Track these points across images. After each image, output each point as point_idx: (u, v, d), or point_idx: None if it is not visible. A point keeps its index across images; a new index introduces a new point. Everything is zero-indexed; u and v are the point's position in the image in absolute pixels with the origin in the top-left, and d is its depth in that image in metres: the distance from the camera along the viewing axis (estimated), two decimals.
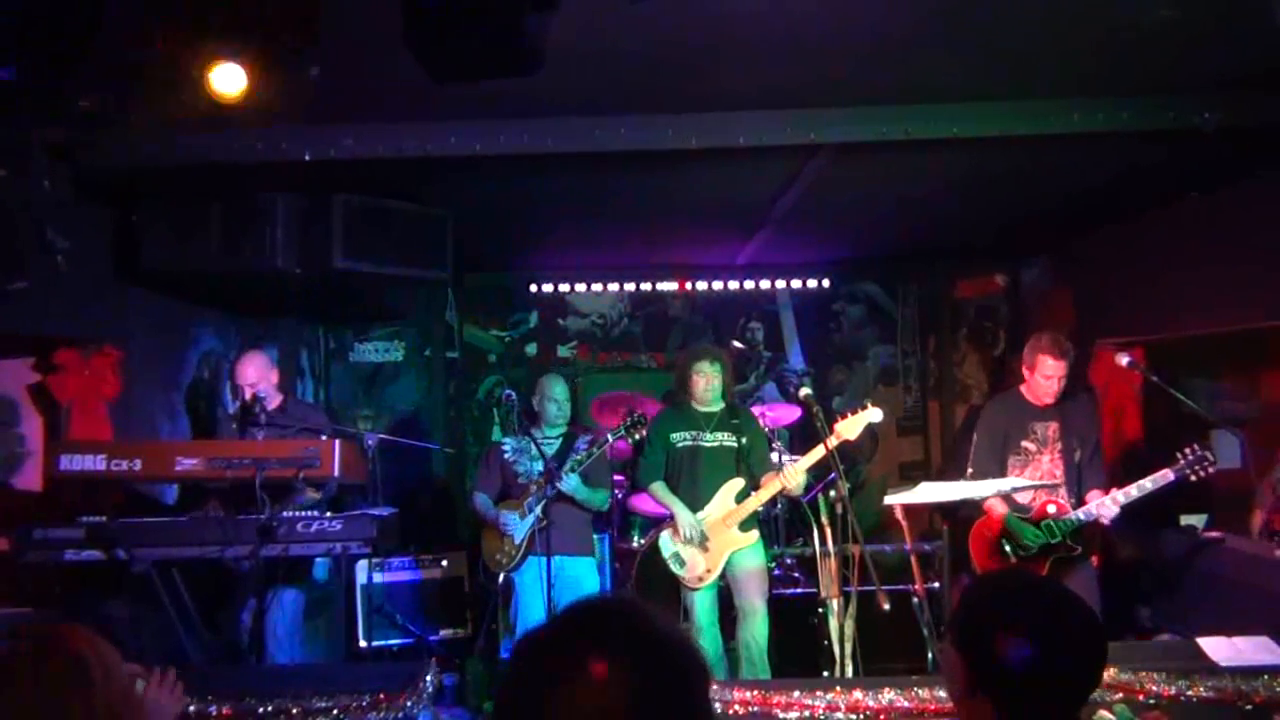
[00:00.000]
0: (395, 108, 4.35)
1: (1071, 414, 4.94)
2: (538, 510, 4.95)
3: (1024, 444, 4.93)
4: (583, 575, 5.15)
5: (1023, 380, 4.98)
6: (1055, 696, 1.78)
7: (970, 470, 5.00)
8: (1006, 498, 4.85)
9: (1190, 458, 4.46)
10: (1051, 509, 4.76)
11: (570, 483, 4.99)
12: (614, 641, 1.19)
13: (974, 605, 1.92)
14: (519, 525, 5.06)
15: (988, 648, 1.80)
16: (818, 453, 4.87)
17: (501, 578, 5.20)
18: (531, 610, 5.02)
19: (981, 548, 4.91)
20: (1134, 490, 4.56)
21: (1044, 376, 4.81)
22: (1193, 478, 4.47)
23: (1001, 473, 4.90)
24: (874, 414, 4.95)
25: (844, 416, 4.96)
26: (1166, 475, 4.50)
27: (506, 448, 5.29)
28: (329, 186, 5.13)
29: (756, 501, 5.02)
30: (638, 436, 5.04)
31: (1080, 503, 4.77)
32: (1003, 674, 1.78)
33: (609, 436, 5.07)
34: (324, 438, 5.02)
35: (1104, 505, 4.62)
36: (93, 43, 2.97)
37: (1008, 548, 4.79)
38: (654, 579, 5.28)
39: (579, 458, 5.12)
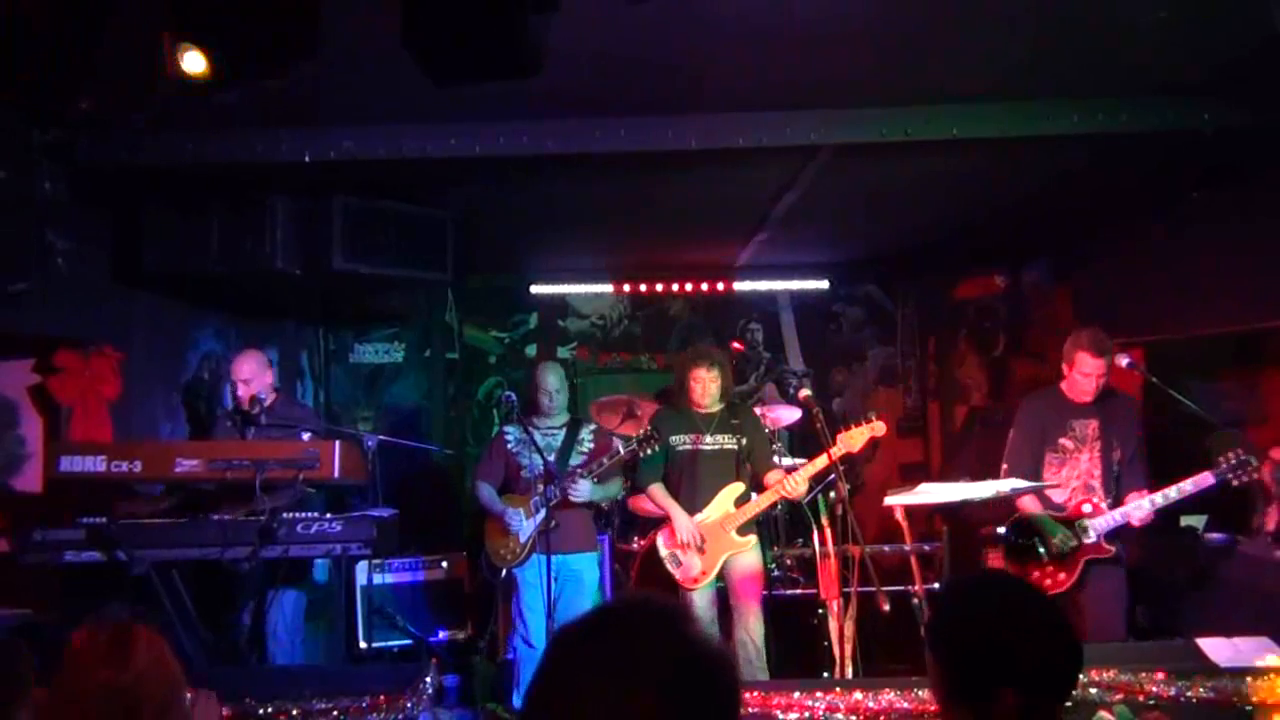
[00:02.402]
0: (395, 109, 4.36)
1: (1112, 413, 4.77)
2: (543, 513, 4.91)
3: (1062, 441, 4.78)
4: (585, 571, 5.15)
5: (1062, 377, 4.81)
6: (1031, 700, 1.76)
7: (1005, 466, 4.86)
8: (1040, 496, 4.74)
9: (1233, 461, 4.31)
10: (1087, 509, 4.64)
11: (583, 491, 4.97)
12: (651, 645, 1.18)
13: (947, 613, 1.93)
14: (524, 525, 5.04)
15: (961, 657, 1.81)
16: (820, 462, 4.86)
17: (504, 572, 5.20)
18: (535, 607, 5.03)
19: (1014, 551, 4.79)
20: (1173, 492, 4.44)
21: (1082, 374, 4.67)
22: (1234, 482, 4.34)
23: (1038, 470, 4.78)
24: (878, 427, 4.91)
25: (848, 427, 4.93)
26: (1206, 478, 4.36)
27: (510, 438, 5.23)
28: (329, 188, 5.13)
29: (756, 507, 5.00)
30: (649, 451, 4.98)
31: (1118, 504, 4.62)
32: (977, 682, 1.78)
33: (620, 448, 4.99)
34: (306, 436, 5.00)
35: (1139, 506, 4.49)
36: (93, 44, 2.97)
37: (1040, 549, 4.68)
38: (653, 579, 5.27)
39: (584, 451, 5.12)
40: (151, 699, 2.02)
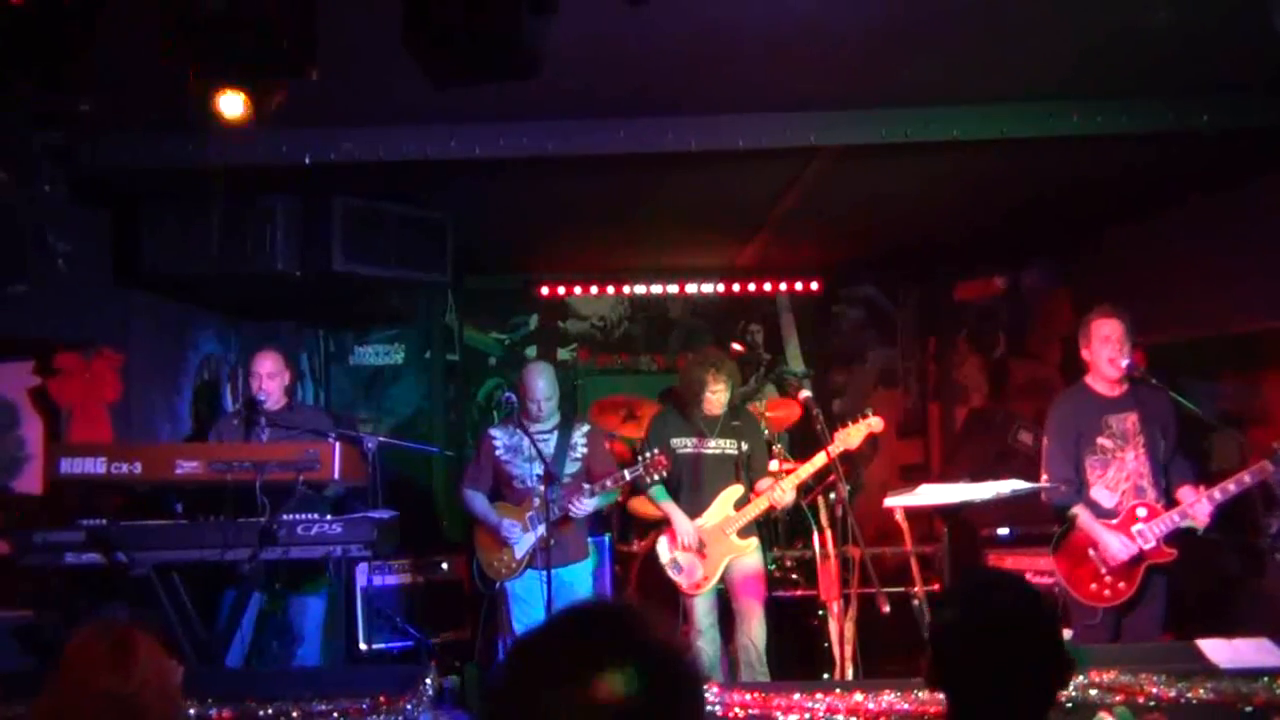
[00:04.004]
0: (395, 111, 4.36)
1: (1149, 403, 4.45)
2: (541, 529, 4.81)
3: (1100, 441, 4.45)
4: (578, 580, 5.09)
5: (1084, 371, 4.55)
6: (1006, 692, 1.83)
7: (1045, 476, 4.54)
8: (1090, 504, 4.46)
9: None
10: (1141, 512, 4.34)
11: (587, 508, 4.93)
12: (605, 649, 1.19)
13: (938, 609, 2.03)
14: (521, 540, 4.95)
15: (938, 641, 1.90)
16: (818, 461, 4.86)
17: (497, 585, 5.13)
18: (526, 620, 4.99)
19: (1068, 560, 4.49)
20: (1232, 486, 4.18)
21: (1102, 340, 4.39)
22: None
23: (1079, 476, 4.50)
24: (875, 423, 4.91)
25: (845, 425, 4.93)
26: (1265, 468, 4.10)
27: (498, 444, 5.09)
28: (329, 189, 5.13)
29: (755, 509, 5.01)
30: (655, 478, 4.93)
31: (1171, 502, 4.35)
32: (953, 666, 1.87)
33: (626, 473, 4.90)
34: (330, 437, 5.02)
35: (1199, 505, 4.22)
36: (92, 46, 2.97)
37: (1093, 555, 4.38)
38: (654, 581, 5.27)
39: (577, 456, 5.07)
40: (153, 708, 2.01)
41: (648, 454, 4.89)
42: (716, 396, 5.05)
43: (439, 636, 6.14)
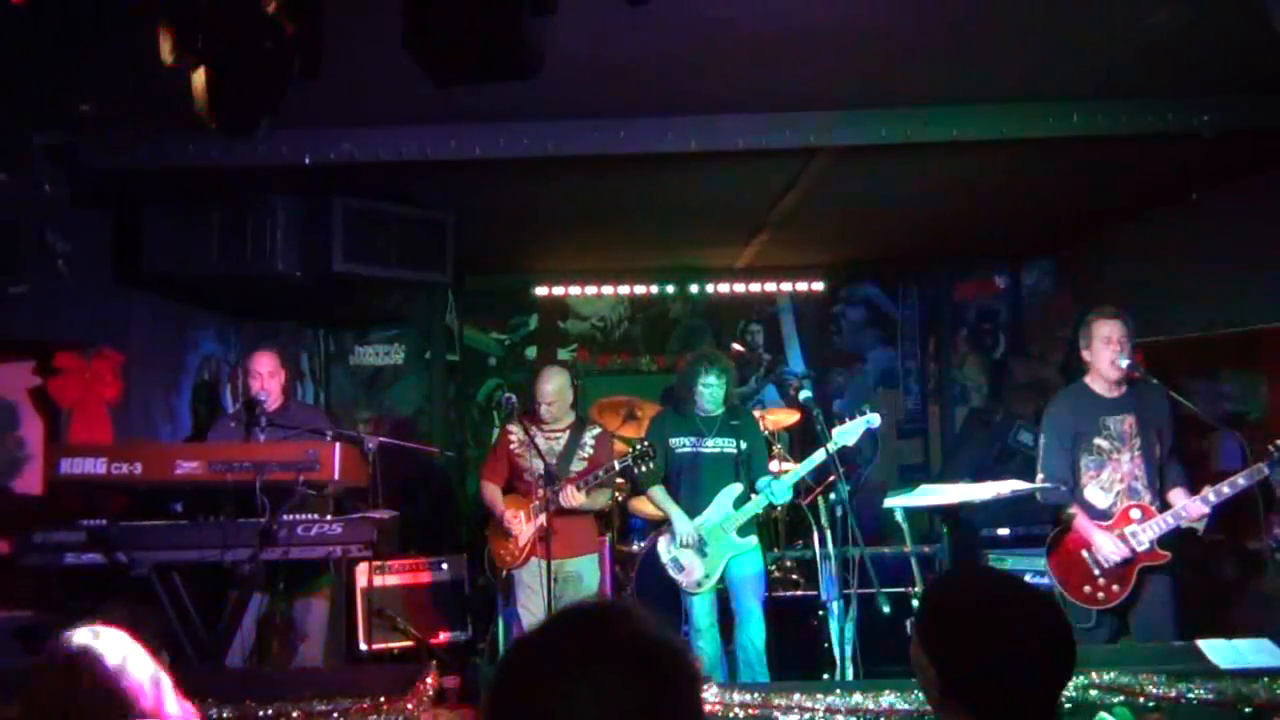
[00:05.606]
0: (395, 111, 4.36)
1: (1146, 404, 4.46)
2: (541, 519, 4.92)
3: (1097, 442, 4.46)
4: (585, 573, 5.16)
5: (1085, 371, 4.55)
6: (1030, 695, 1.76)
7: (1040, 475, 4.54)
8: (1084, 505, 4.46)
9: None
10: (1135, 514, 4.35)
11: (576, 499, 4.96)
12: (603, 649, 1.20)
13: (939, 609, 1.88)
14: (524, 529, 5.09)
15: (958, 654, 1.78)
16: (816, 458, 4.86)
17: (504, 573, 5.24)
18: (530, 608, 5.06)
19: (1061, 562, 4.49)
20: (1226, 488, 4.17)
21: (1104, 341, 4.40)
22: None
23: (1074, 476, 4.50)
24: (872, 419, 4.93)
25: (842, 421, 4.95)
26: (1260, 469, 4.11)
27: (513, 439, 5.24)
28: (329, 189, 5.13)
29: (755, 508, 5.01)
30: (645, 468, 4.97)
31: (1165, 505, 4.37)
32: (976, 679, 1.76)
33: (616, 463, 5.02)
34: (328, 437, 5.02)
35: (1195, 505, 4.23)
36: (93, 46, 2.97)
37: (1086, 556, 4.39)
38: (654, 582, 5.28)
39: (584, 456, 5.12)
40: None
41: (639, 444, 5.01)
42: (710, 390, 5.06)
43: (439, 636, 6.14)
